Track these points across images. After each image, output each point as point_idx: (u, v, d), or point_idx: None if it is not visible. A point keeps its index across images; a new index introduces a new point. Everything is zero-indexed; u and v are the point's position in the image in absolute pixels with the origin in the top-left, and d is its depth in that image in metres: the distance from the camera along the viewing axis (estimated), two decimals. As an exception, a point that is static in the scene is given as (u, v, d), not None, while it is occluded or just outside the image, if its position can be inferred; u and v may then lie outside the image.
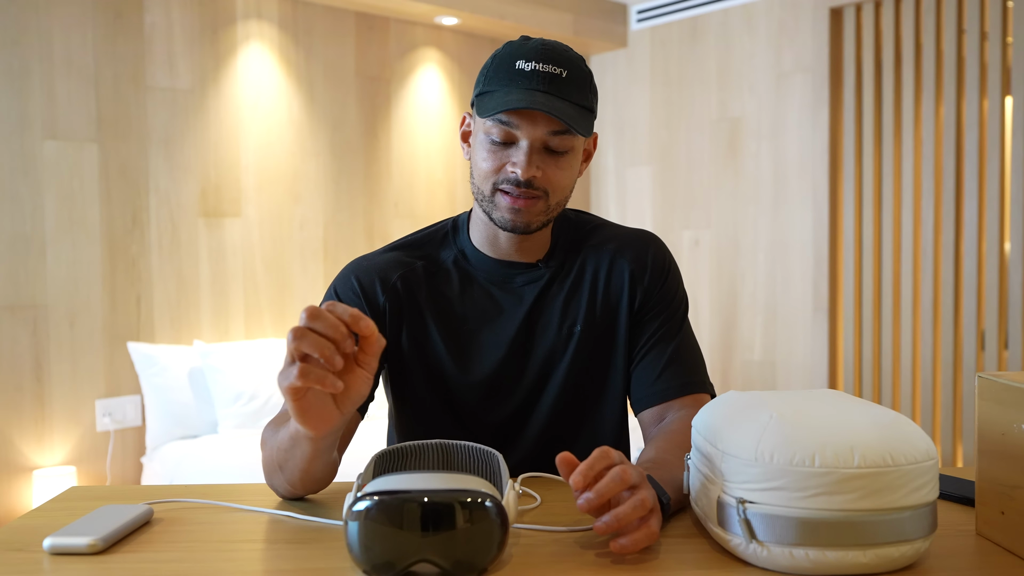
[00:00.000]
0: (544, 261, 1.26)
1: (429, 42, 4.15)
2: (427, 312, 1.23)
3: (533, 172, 1.14)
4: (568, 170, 1.18)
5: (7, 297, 3.00)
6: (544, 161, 1.15)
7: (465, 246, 1.27)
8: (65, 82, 3.12)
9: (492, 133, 1.15)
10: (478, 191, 1.19)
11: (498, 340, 1.23)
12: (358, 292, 1.23)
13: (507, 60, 1.15)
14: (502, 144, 1.15)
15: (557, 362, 1.24)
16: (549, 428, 1.25)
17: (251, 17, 3.58)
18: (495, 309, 1.24)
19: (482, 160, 1.17)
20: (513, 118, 1.13)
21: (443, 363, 1.23)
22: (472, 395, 1.24)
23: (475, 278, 1.25)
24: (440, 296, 1.24)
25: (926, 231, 3.49)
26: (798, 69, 3.87)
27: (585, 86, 1.17)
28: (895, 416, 0.85)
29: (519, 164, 1.14)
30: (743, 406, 0.90)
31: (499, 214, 1.18)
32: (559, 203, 1.20)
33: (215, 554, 0.90)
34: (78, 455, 3.16)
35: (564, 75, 1.14)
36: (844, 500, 0.78)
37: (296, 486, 1.05)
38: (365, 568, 0.81)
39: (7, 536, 0.95)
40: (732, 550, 0.85)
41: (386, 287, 1.23)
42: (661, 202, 4.45)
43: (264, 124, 3.63)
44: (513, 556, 0.87)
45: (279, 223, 3.68)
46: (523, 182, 1.14)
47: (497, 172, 1.16)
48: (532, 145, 1.14)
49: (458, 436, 1.24)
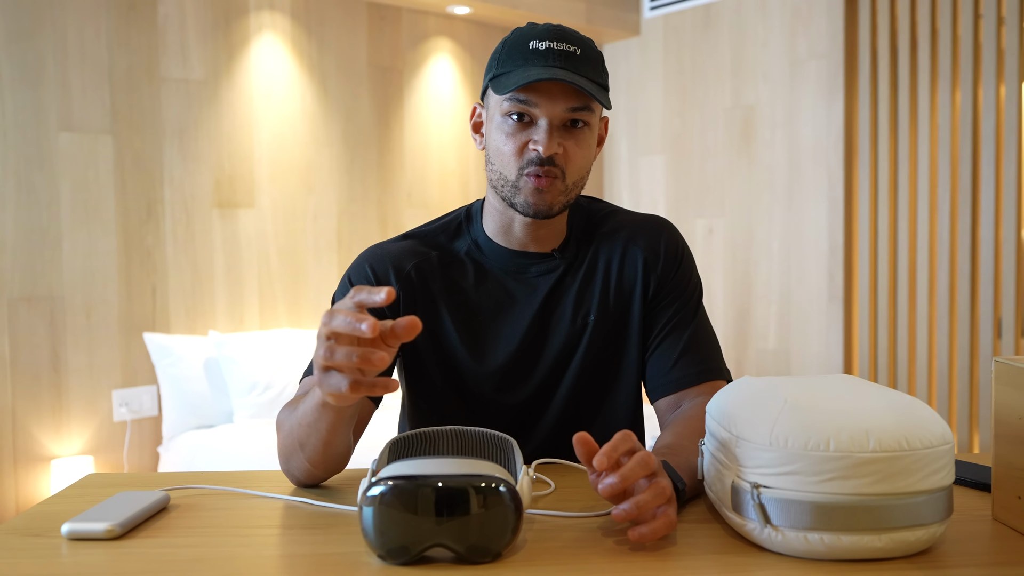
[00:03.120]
0: (559, 251, 1.25)
1: (441, 32, 4.14)
2: (441, 302, 1.23)
3: (555, 148, 1.12)
4: (586, 148, 1.17)
5: (24, 288, 3.03)
6: (564, 138, 1.14)
7: (479, 236, 1.26)
8: (79, 74, 3.13)
9: (510, 112, 1.14)
10: (500, 177, 1.17)
11: (512, 331, 1.23)
12: (372, 280, 1.22)
13: (519, 42, 1.15)
14: (521, 125, 1.14)
15: (572, 352, 1.24)
16: (563, 417, 1.25)
17: (263, 8, 3.58)
18: (509, 300, 1.24)
19: (502, 144, 1.15)
20: (531, 96, 1.12)
21: (456, 353, 1.23)
22: (486, 385, 1.24)
23: (489, 269, 1.25)
24: (454, 286, 1.24)
25: (942, 218, 3.46)
26: (812, 56, 3.84)
27: (599, 64, 1.17)
28: (910, 400, 0.85)
29: (540, 141, 1.12)
30: (757, 391, 0.90)
31: (522, 198, 1.15)
32: (576, 184, 1.18)
33: (231, 539, 0.91)
34: (95, 445, 3.19)
35: (578, 53, 1.14)
36: (859, 484, 0.78)
37: (316, 464, 1.05)
38: (380, 553, 0.81)
39: (26, 522, 0.96)
40: (747, 535, 0.85)
41: (400, 276, 1.22)
42: (675, 191, 4.43)
43: (277, 115, 3.63)
44: (527, 541, 0.88)
45: (293, 214, 3.69)
46: (545, 159, 1.12)
47: (520, 154, 1.14)
48: (551, 123, 1.12)
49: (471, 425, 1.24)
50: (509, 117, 1.14)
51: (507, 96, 1.13)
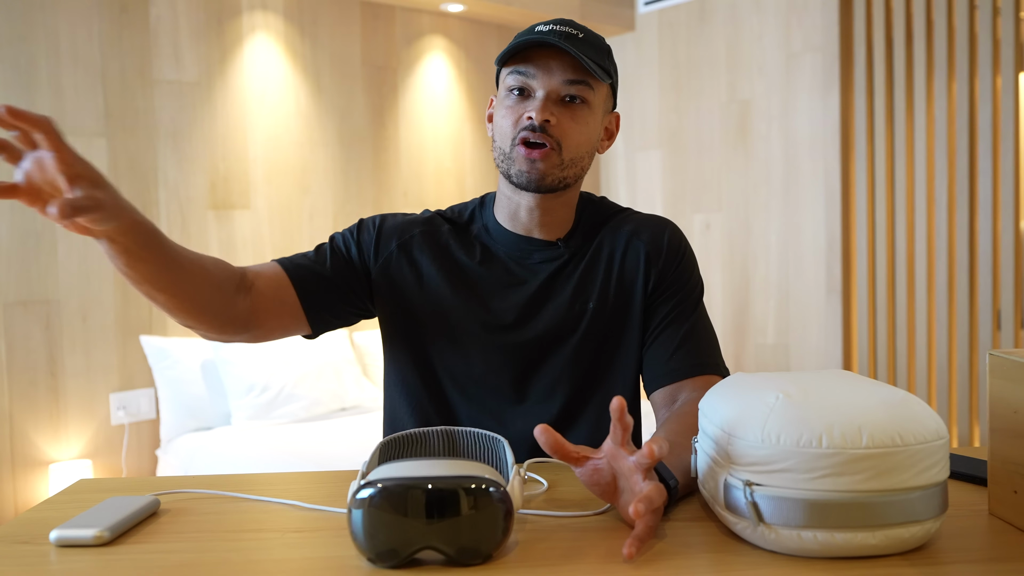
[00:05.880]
0: (564, 240, 1.28)
1: (435, 30, 4.13)
2: (440, 266, 1.27)
3: (547, 115, 1.17)
4: (583, 124, 1.20)
5: (20, 293, 3.02)
6: (560, 111, 1.18)
7: (489, 221, 1.31)
8: (72, 77, 3.12)
9: (511, 85, 1.20)
10: (499, 151, 1.22)
11: (506, 304, 1.26)
12: (373, 228, 1.30)
13: (527, 28, 1.22)
14: (521, 99, 1.19)
15: (566, 337, 1.26)
16: (556, 404, 1.26)
17: (256, 8, 3.57)
18: (509, 278, 1.27)
19: (502, 118, 1.21)
20: (530, 67, 1.18)
21: (448, 319, 1.26)
22: (474, 357, 1.25)
23: (495, 251, 1.29)
24: (458, 258, 1.28)
25: (940, 210, 3.45)
26: (808, 49, 3.83)
27: (603, 53, 1.22)
28: (904, 395, 0.84)
29: (534, 109, 1.17)
30: (749, 387, 0.89)
31: (516, 167, 1.19)
32: (573, 160, 1.21)
33: (221, 544, 0.90)
34: (93, 448, 3.18)
35: (581, 36, 1.19)
36: (852, 481, 0.77)
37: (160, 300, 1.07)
38: (370, 556, 0.81)
39: (14, 529, 0.96)
40: (739, 533, 0.84)
41: (403, 236, 1.29)
42: (671, 186, 4.42)
43: (271, 115, 3.62)
44: (519, 542, 0.87)
45: (288, 214, 3.68)
46: (538, 126, 1.17)
47: (515, 125, 1.19)
48: (548, 95, 1.18)
49: (458, 402, 1.26)
50: (511, 93, 1.20)
51: (509, 71, 1.20)
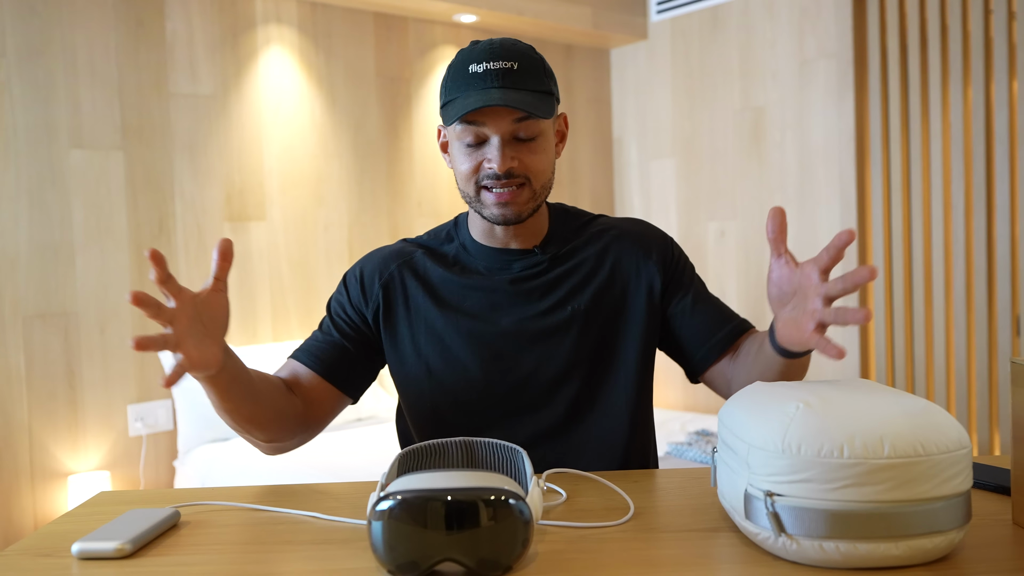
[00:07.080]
0: (541, 247, 1.31)
1: (448, 40, 4.15)
2: (426, 293, 1.29)
3: (509, 163, 1.19)
4: (542, 154, 1.23)
5: (38, 305, 3.04)
6: (518, 150, 1.21)
7: (466, 240, 1.33)
8: (89, 91, 3.15)
9: (463, 138, 1.21)
10: (464, 194, 1.25)
11: (495, 317, 1.27)
12: (358, 280, 1.33)
13: (460, 68, 1.21)
14: (476, 145, 1.21)
15: (559, 340, 1.27)
16: (560, 407, 1.27)
17: (271, 21, 3.60)
18: (492, 291, 1.29)
19: (460, 164, 1.23)
20: (478, 118, 1.18)
21: (443, 338, 1.28)
22: (472, 369, 1.27)
23: (476, 267, 1.31)
24: (440, 279, 1.30)
25: (957, 216, 3.43)
26: (821, 55, 3.82)
27: (539, 72, 1.22)
28: (926, 404, 0.83)
29: (494, 159, 1.19)
30: (769, 397, 0.89)
31: (488, 211, 1.23)
32: (543, 186, 1.25)
33: (241, 556, 0.91)
34: (112, 460, 3.20)
35: (516, 67, 1.19)
36: (874, 491, 0.77)
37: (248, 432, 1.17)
38: (389, 568, 0.81)
39: (36, 542, 0.96)
40: (760, 544, 0.84)
41: (383, 276, 1.32)
42: (686, 194, 4.42)
43: (286, 127, 3.64)
44: (539, 553, 0.87)
45: (304, 225, 3.69)
46: (502, 175, 1.19)
47: (476, 171, 1.22)
48: (502, 139, 1.19)
49: (461, 416, 1.27)
50: (464, 143, 1.22)
51: (456, 123, 1.20)
